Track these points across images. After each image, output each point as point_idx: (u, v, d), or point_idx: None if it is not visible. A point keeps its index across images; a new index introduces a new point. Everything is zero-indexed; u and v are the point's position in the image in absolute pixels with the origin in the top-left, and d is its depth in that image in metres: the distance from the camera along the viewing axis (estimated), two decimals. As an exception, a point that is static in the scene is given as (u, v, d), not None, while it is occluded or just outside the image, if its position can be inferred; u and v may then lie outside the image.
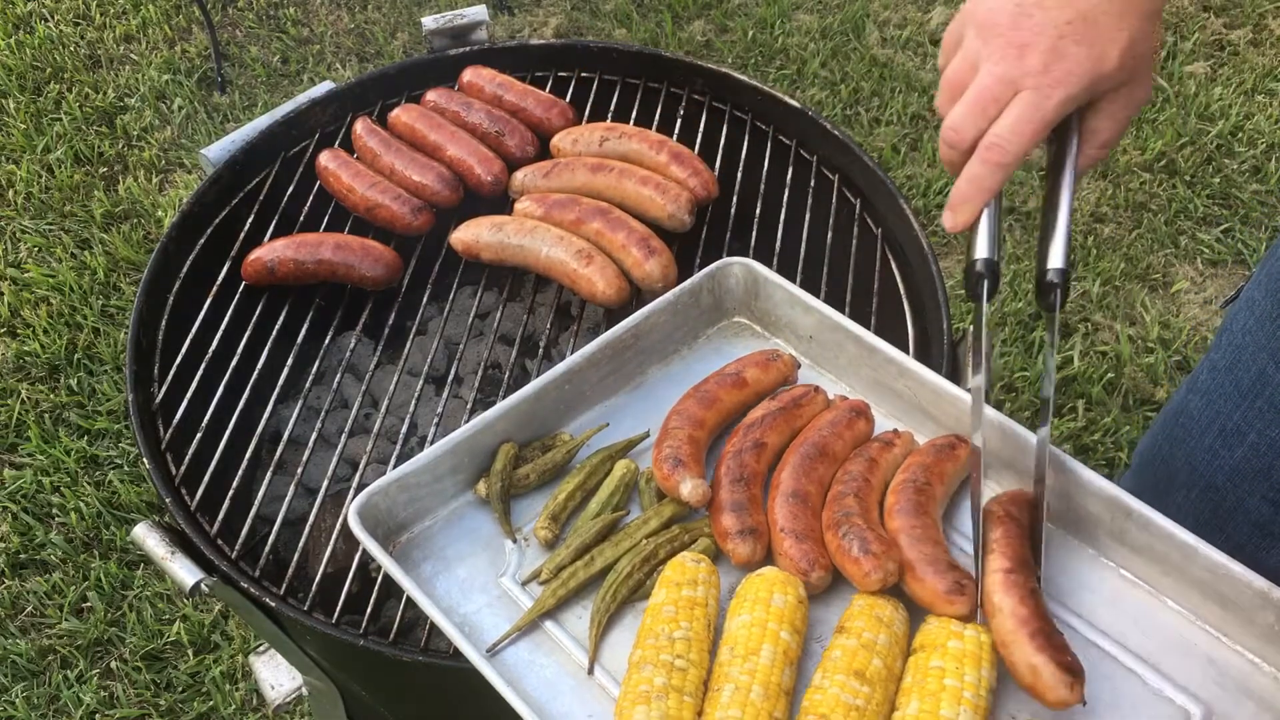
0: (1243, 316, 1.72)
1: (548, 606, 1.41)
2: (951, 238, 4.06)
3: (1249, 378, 1.68)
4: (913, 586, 1.35)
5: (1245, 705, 1.31)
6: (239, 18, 5.16)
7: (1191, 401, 1.83)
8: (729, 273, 1.75)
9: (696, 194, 2.18)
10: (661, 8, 5.04)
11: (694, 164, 2.21)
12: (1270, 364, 1.63)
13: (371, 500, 1.45)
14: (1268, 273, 1.68)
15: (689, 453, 1.49)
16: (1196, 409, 1.80)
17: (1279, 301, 1.62)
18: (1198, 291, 3.90)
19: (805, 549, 1.39)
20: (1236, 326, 1.73)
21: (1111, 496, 1.40)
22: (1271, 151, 4.28)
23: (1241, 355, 1.70)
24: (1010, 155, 1.32)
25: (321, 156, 2.34)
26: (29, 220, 4.26)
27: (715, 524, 1.46)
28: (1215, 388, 1.76)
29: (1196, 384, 1.83)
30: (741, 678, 1.26)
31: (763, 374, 1.63)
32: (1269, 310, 1.64)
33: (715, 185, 2.22)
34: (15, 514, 3.36)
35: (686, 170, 2.20)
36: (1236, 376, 1.71)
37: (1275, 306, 1.63)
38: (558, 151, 2.33)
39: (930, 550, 1.36)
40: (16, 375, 3.74)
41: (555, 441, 1.61)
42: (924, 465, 1.47)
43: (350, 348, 2.17)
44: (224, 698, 2.96)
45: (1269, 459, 1.68)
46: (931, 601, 1.33)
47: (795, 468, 1.48)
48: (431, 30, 2.56)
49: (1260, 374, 1.66)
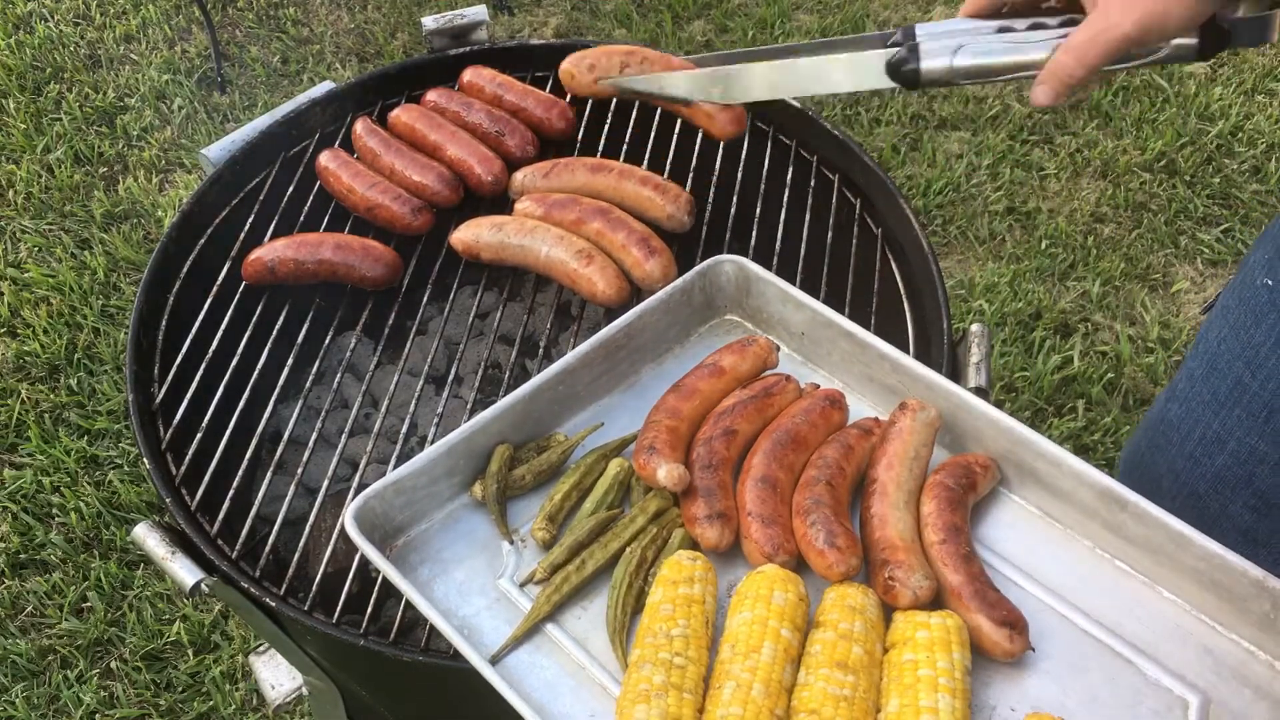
0: (1217, 325, 1.72)
1: (543, 613, 1.42)
2: (951, 238, 4.06)
3: (1226, 386, 1.68)
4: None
5: (1241, 693, 1.32)
6: (239, 18, 5.16)
7: (1171, 410, 1.83)
8: (720, 270, 1.76)
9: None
10: (661, 8, 5.04)
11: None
12: (1246, 372, 1.63)
13: (368, 504, 1.45)
14: (1240, 281, 1.68)
15: (666, 440, 1.50)
16: (1176, 417, 1.81)
17: (1251, 310, 1.62)
18: (1198, 291, 3.90)
19: (771, 533, 1.40)
20: (1212, 335, 1.73)
21: (1106, 488, 1.41)
22: (1271, 151, 4.28)
23: (1217, 363, 1.70)
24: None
25: (321, 156, 2.34)
26: (29, 220, 4.26)
27: (685, 510, 1.48)
28: (1194, 396, 1.76)
29: (1175, 392, 1.83)
30: (743, 675, 1.26)
31: (739, 360, 1.63)
32: (1242, 319, 1.64)
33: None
34: (15, 514, 3.36)
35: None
36: (1214, 385, 1.71)
37: (1248, 315, 1.63)
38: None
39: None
40: (16, 375, 3.74)
41: (550, 442, 1.61)
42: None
43: (350, 348, 2.17)
44: (224, 698, 2.96)
45: (1250, 466, 1.68)
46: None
47: (766, 454, 1.50)
48: (431, 30, 2.56)
49: (1237, 382, 1.66)
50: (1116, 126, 4.41)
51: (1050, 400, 3.56)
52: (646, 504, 1.52)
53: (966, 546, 1.40)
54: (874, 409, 1.65)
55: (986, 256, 4.01)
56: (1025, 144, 4.36)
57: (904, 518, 1.43)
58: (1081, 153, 4.31)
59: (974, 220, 4.11)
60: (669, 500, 1.53)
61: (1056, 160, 4.28)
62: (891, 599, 1.35)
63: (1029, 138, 4.39)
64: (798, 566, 1.41)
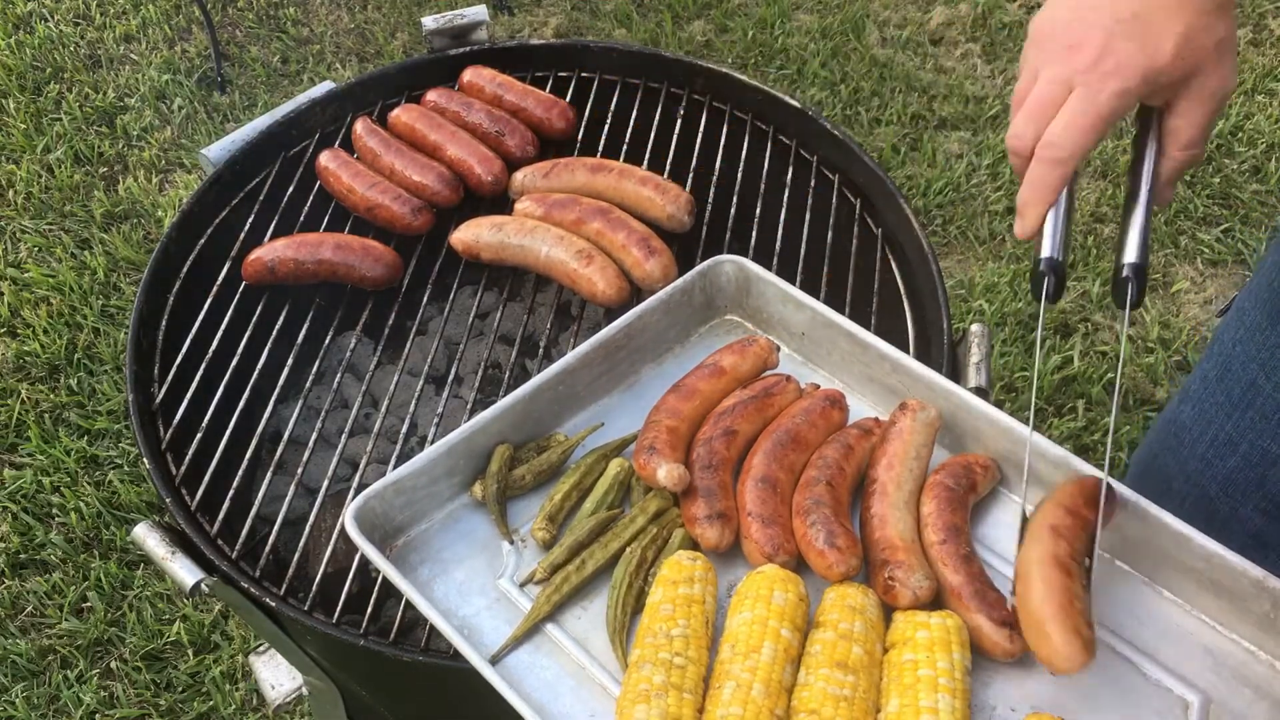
0: (1233, 327, 1.72)
1: (543, 614, 1.42)
2: (951, 238, 4.06)
3: (1240, 388, 1.68)
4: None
5: (1242, 693, 1.32)
6: (239, 18, 5.16)
7: (1184, 411, 1.83)
8: (720, 270, 1.75)
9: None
10: (661, 8, 5.04)
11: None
12: (1260, 374, 1.63)
13: (368, 504, 1.45)
14: (1258, 284, 1.68)
15: (666, 441, 1.50)
16: (1189, 419, 1.80)
17: (1268, 313, 1.62)
18: (1198, 291, 3.90)
19: (771, 533, 1.41)
20: (1227, 337, 1.73)
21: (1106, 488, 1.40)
22: (1271, 151, 4.28)
23: (1232, 365, 1.70)
24: (1065, 152, 1.31)
25: (321, 156, 2.34)
26: (29, 220, 4.26)
27: (685, 510, 1.48)
28: (1207, 398, 1.76)
29: (1189, 394, 1.83)
30: (743, 675, 1.26)
31: (740, 360, 1.63)
32: (1259, 321, 1.64)
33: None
34: (15, 514, 3.36)
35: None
36: (1227, 387, 1.71)
37: (1265, 318, 1.63)
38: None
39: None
40: (16, 375, 3.74)
41: (550, 442, 1.61)
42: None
43: (350, 347, 2.17)
44: (224, 698, 2.96)
45: (1261, 469, 1.68)
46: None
47: (766, 454, 1.50)
48: (431, 30, 2.56)
49: (1251, 384, 1.66)
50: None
51: (1050, 400, 3.56)
52: (646, 504, 1.52)
53: (966, 546, 1.40)
54: (874, 409, 1.65)
55: (986, 256, 4.01)
56: (1025, 144, 4.36)
57: (904, 518, 1.43)
58: (1081, 153, 4.31)
59: (974, 220, 4.11)
60: (669, 500, 1.53)
61: (1056, 160, 4.27)
62: (891, 599, 1.35)
63: (1029, 138, 4.38)
64: (797, 566, 1.41)
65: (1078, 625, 1.22)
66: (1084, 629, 1.22)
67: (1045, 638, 1.22)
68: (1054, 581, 1.24)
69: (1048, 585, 1.24)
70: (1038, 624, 1.23)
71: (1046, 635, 1.21)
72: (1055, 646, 1.21)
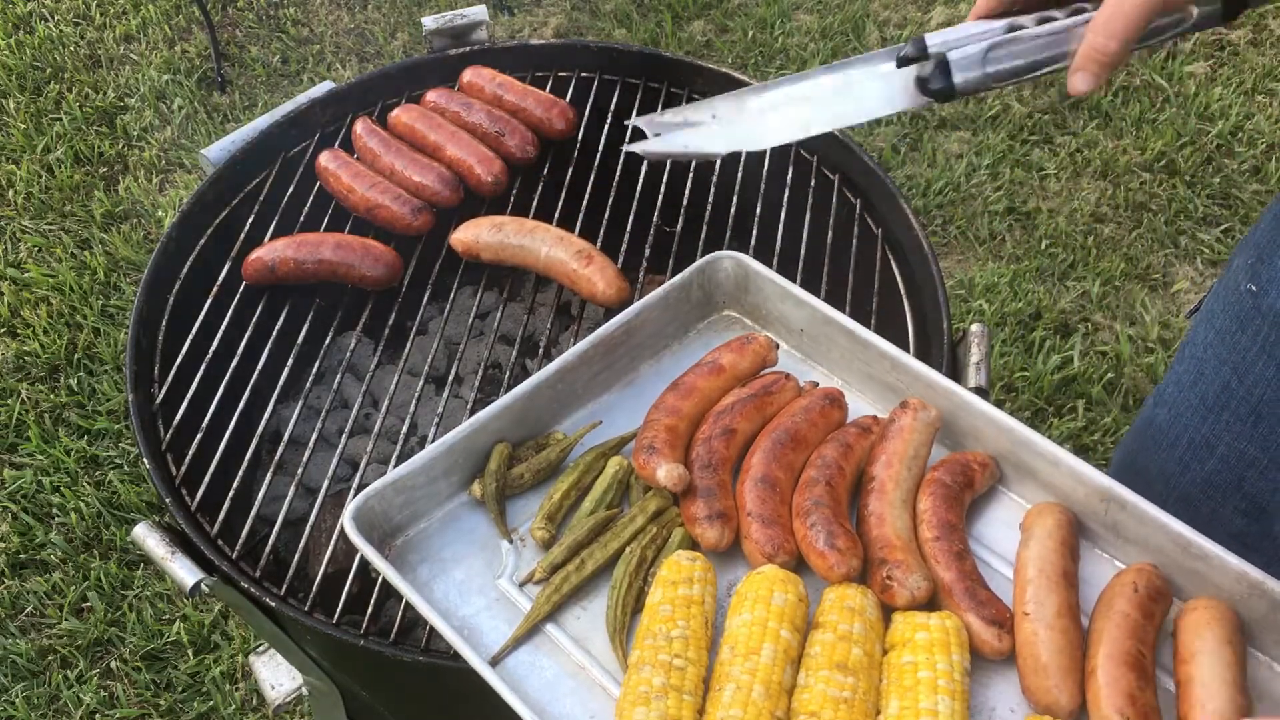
0: (1203, 330, 1.71)
1: (543, 614, 1.41)
2: (951, 238, 4.06)
3: (1213, 391, 1.68)
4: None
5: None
6: (239, 18, 5.16)
7: (1159, 415, 1.83)
8: (719, 267, 1.75)
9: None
10: (661, 8, 5.04)
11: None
12: (1233, 377, 1.63)
13: (367, 504, 1.45)
14: (1224, 286, 1.67)
15: (665, 440, 1.50)
16: (1165, 422, 1.80)
17: (1236, 316, 1.62)
18: (1198, 292, 3.90)
19: (771, 534, 1.40)
20: (1198, 340, 1.73)
21: (1106, 488, 1.41)
22: (1271, 151, 4.27)
23: (1204, 369, 1.70)
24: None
25: (321, 157, 2.34)
26: (29, 220, 4.26)
27: (685, 510, 1.47)
28: (1181, 400, 1.76)
29: (1163, 397, 1.83)
30: (743, 677, 1.26)
31: (739, 357, 1.63)
32: (1227, 325, 1.64)
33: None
34: (15, 514, 3.36)
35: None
36: (1201, 390, 1.71)
37: (1233, 321, 1.62)
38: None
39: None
40: (16, 375, 3.74)
41: (549, 440, 1.61)
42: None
43: (350, 348, 2.17)
44: (224, 698, 2.96)
45: (1239, 470, 1.68)
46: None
47: (766, 453, 1.49)
48: (431, 30, 2.56)
49: (1224, 387, 1.65)
50: (1116, 126, 4.41)
51: (1050, 400, 3.56)
52: (646, 503, 1.52)
53: (960, 544, 1.40)
54: (873, 407, 1.65)
55: (986, 256, 4.01)
56: (1025, 144, 4.36)
57: (902, 516, 1.43)
58: (1081, 153, 4.31)
59: (974, 220, 4.10)
60: (668, 499, 1.52)
61: (1056, 160, 4.28)
62: (889, 598, 1.35)
63: (1029, 138, 4.39)
64: (797, 567, 1.41)
65: None
66: None
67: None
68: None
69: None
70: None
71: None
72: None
